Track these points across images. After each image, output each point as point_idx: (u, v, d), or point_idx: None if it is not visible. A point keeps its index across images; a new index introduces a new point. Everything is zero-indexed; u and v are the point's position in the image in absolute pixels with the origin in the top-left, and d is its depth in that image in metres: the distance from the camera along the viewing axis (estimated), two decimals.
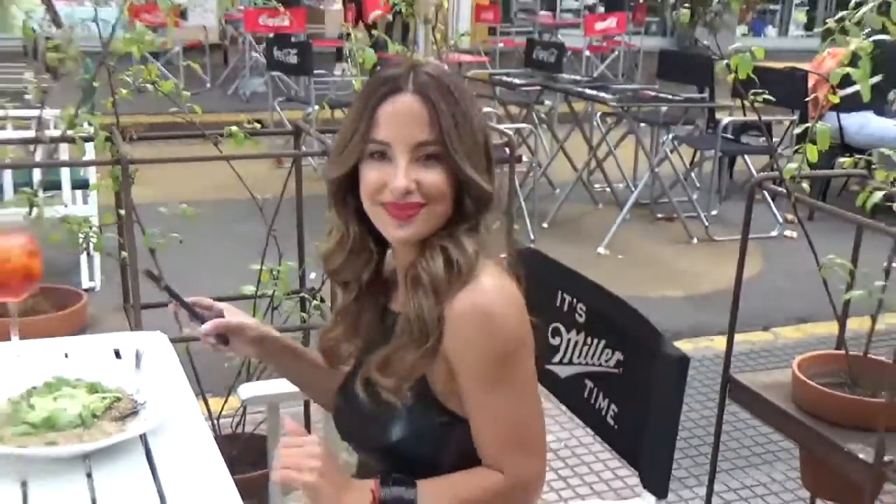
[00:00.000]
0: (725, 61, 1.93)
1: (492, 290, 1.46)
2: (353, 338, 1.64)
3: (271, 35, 8.77)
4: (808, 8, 18.46)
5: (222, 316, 1.66)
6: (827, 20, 1.85)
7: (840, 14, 1.83)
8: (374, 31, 2.19)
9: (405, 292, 1.51)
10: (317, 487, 1.41)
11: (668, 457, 1.64)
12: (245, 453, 2.58)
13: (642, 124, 6.87)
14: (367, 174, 1.48)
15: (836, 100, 2.02)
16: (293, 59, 7.28)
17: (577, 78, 7.87)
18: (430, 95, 1.45)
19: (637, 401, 1.65)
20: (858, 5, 1.78)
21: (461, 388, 1.49)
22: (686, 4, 1.90)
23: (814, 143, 1.93)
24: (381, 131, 1.46)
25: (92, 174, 4.59)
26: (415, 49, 2.44)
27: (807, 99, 5.46)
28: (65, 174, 4.51)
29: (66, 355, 1.77)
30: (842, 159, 2.03)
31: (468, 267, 1.46)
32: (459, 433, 1.51)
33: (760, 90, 1.95)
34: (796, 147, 2.00)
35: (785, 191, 2.04)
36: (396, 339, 1.49)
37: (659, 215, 6.62)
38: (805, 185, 2.04)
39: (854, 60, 1.90)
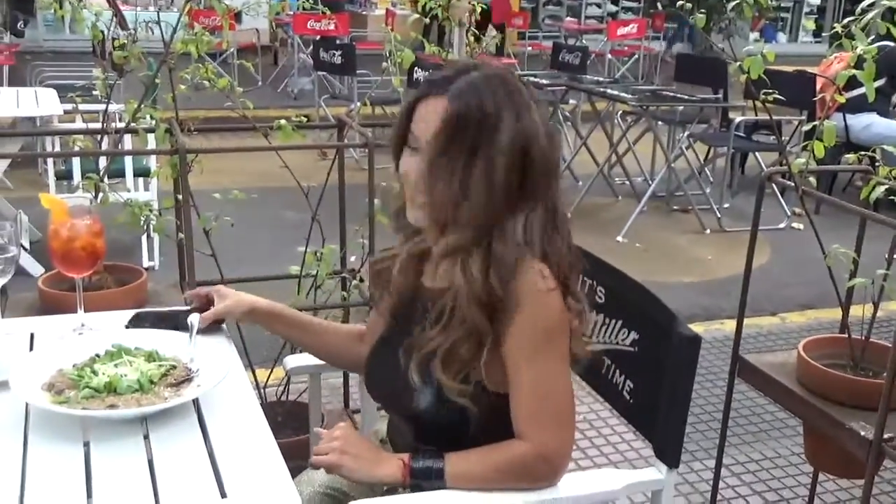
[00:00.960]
0: (738, 63, 1.90)
1: (538, 275, 1.46)
2: (393, 309, 1.65)
3: (318, 38, 8.78)
4: (816, 16, 18.22)
5: (210, 303, 1.78)
6: (834, 25, 1.82)
7: (847, 20, 1.79)
8: (420, 36, 2.17)
9: (436, 269, 1.55)
10: (340, 463, 1.50)
11: (680, 429, 1.63)
12: (288, 419, 2.59)
13: (660, 122, 6.81)
14: (404, 159, 1.53)
15: (842, 100, 1.98)
16: (338, 60, 7.29)
17: (600, 79, 7.82)
18: (457, 106, 1.44)
19: (651, 377, 1.64)
20: (865, 11, 1.74)
21: (506, 359, 1.49)
22: (702, 10, 1.87)
23: (821, 140, 1.90)
24: (416, 125, 1.50)
25: (153, 163, 4.63)
26: (449, 51, 2.42)
27: (814, 98, 5.39)
28: (128, 163, 4.55)
29: (127, 326, 1.78)
30: (847, 156, 1.99)
31: (515, 260, 1.45)
32: (485, 403, 1.51)
33: (771, 90, 1.92)
34: (804, 144, 1.97)
35: (793, 184, 2.01)
36: (450, 332, 1.48)
37: (674, 207, 6.57)
38: (812, 179, 2.00)
39: (860, 63, 1.86)
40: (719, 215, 6.17)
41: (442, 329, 1.49)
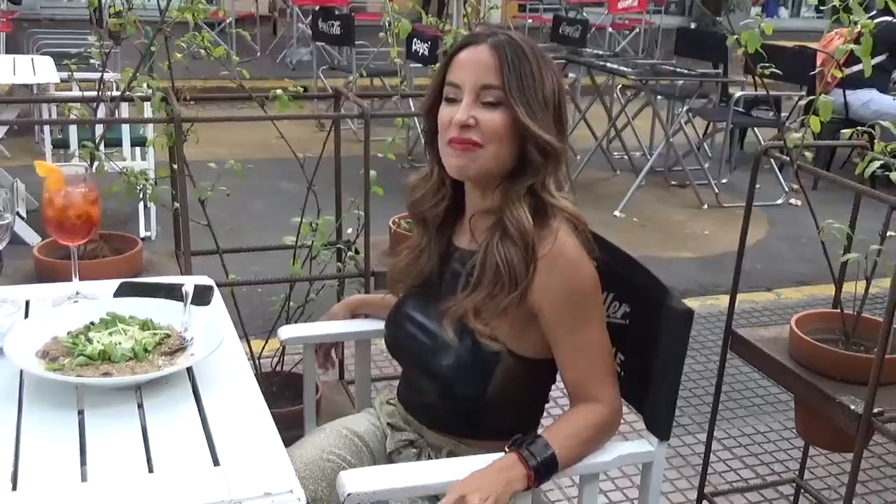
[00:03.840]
0: (736, 36, 1.89)
1: (569, 241, 1.54)
2: (412, 269, 1.71)
3: (317, 8, 8.73)
4: None
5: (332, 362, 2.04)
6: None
7: None
8: (418, 7, 2.16)
9: (472, 232, 1.61)
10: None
11: (672, 402, 1.63)
12: (283, 389, 2.60)
13: (659, 97, 6.80)
14: (441, 113, 1.57)
15: (839, 74, 1.97)
16: (337, 31, 7.26)
17: (600, 52, 7.78)
18: (501, 48, 1.52)
19: (643, 350, 1.64)
20: None
21: (548, 330, 1.56)
22: None
23: (817, 114, 1.90)
24: (455, 74, 1.55)
25: (150, 132, 4.61)
26: (448, 22, 2.41)
27: (812, 73, 5.36)
28: (125, 132, 4.53)
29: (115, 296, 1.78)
30: (844, 131, 1.99)
31: (548, 216, 1.54)
32: (506, 365, 1.57)
33: (768, 64, 1.91)
34: (802, 118, 1.97)
35: (789, 159, 2.01)
36: (484, 287, 1.55)
37: (672, 182, 6.58)
38: (808, 154, 2.00)
39: (859, 39, 1.86)
40: (717, 191, 6.17)
41: (477, 282, 1.56)
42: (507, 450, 1.51)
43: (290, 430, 1.54)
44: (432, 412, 1.68)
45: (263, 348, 2.72)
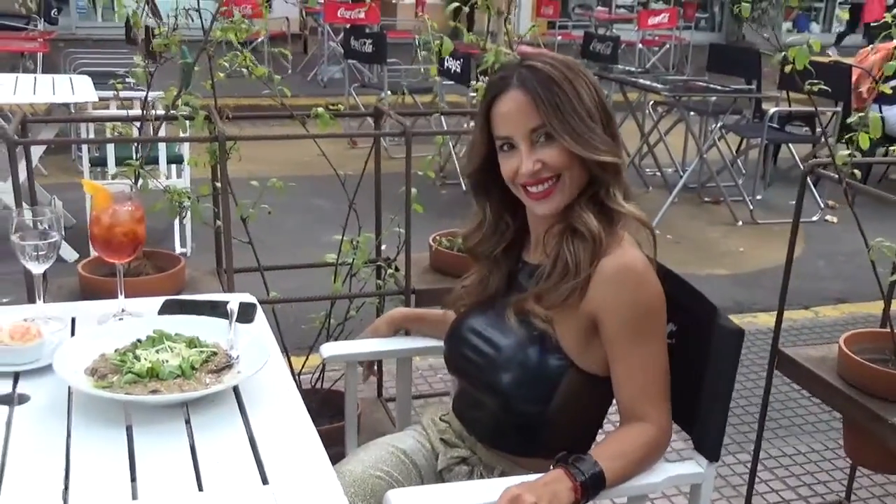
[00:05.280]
0: (783, 53, 1.88)
1: (635, 253, 1.55)
2: (479, 287, 1.73)
3: (348, 26, 8.78)
4: (850, 6, 17.98)
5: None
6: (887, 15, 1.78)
7: None
8: (449, 23, 2.16)
9: (543, 247, 1.61)
10: None
11: (722, 423, 1.61)
12: (323, 407, 2.59)
13: (692, 113, 6.76)
14: (503, 164, 1.60)
15: (887, 90, 1.95)
16: (369, 49, 7.29)
17: (631, 69, 7.76)
18: (531, 85, 1.54)
19: (691, 370, 1.62)
20: None
21: (608, 343, 1.55)
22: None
23: (867, 131, 1.87)
24: (500, 128, 1.59)
25: (186, 150, 4.65)
26: (487, 39, 2.41)
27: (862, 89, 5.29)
28: (162, 150, 4.57)
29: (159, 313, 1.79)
30: (893, 147, 1.96)
31: (614, 223, 1.56)
32: (570, 380, 1.57)
33: (817, 81, 1.89)
34: (848, 135, 1.94)
35: (836, 176, 1.98)
36: (548, 280, 1.58)
37: (706, 199, 6.53)
38: (857, 171, 1.98)
39: None
40: (752, 207, 6.11)
41: (543, 275, 1.59)
42: (553, 466, 1.50)
43: (330, 447, 1.53)
44: (490, 427, 1.67)
45: (304, 365, 2.72)
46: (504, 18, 2.26)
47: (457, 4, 2.21)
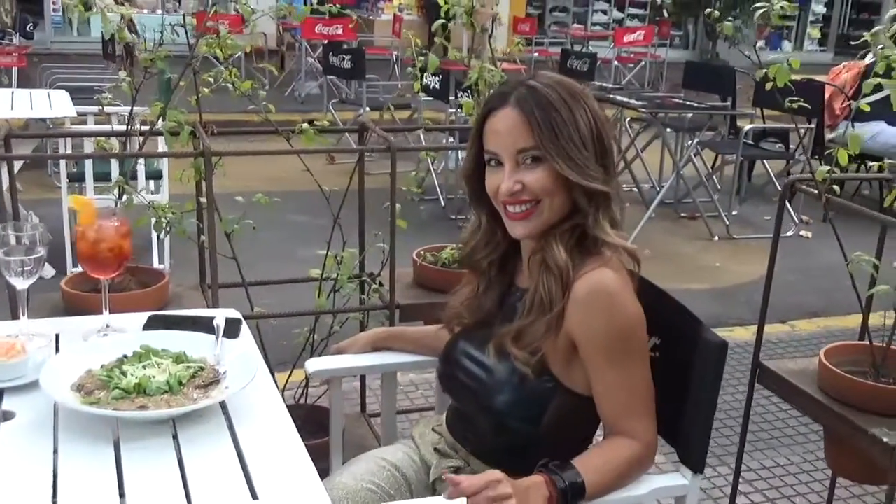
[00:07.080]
0: (764, 70, 1.90)
1: (610, 275, 1.53)
2: (472, 306, 1.73)
3: (325, 42, 8.79)
4: (822, 24, 18.24)
5: None
6: (864, 34, 1.82)
7: (876, 28, 1.80)
8: (436, 39, 2.16)
9: (529, 272, 1.62)
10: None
11: (706, 435, 1.63)
12: (307, 423, 2.57)
13: (668, 129, 6.82)
14: (488, 178, 1.61)
15: (866, 108, 1.98)
16: (347, 65, 7.31)
17: (607, 85, 7.83)
18: (527, 105, 1.53)
19: (675, 382, 1.63)
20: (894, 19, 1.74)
21: (586, 363, 1.55)
22: (730, 17, 1.87)
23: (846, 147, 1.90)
24: (490, 143, 1.58)
25: (164, 166, 4.63)
26: (472, 56, 2.42)
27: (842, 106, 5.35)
28: (141, 165, 4.54)
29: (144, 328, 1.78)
30: (871, 163, 1.99)
31: (586, 254, 1.55)
32: (559, 400, 1.57)
33: (797, 98, 1.92)
34: (827, 151, 1.97)
35: (816, 192, 2.01)
36: (527, 316, 1.57)
37: (682, 214, 6.58)
38: (836, 187, 2.01)
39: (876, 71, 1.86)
40: (727, 222, 6.16)
41: (523, 312, 1.58)
42: (536, 470, 1.51)
43: (314, 463, 1.53)
44: (483, 446, 1.68)
45: (287, 381, 2.71)
46: (489, 36, 2.27)
47: (443, 21, 2.23)
